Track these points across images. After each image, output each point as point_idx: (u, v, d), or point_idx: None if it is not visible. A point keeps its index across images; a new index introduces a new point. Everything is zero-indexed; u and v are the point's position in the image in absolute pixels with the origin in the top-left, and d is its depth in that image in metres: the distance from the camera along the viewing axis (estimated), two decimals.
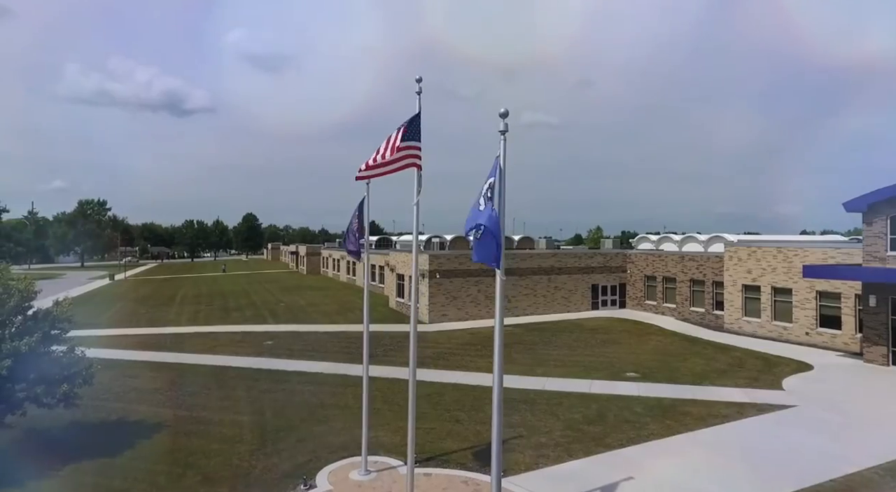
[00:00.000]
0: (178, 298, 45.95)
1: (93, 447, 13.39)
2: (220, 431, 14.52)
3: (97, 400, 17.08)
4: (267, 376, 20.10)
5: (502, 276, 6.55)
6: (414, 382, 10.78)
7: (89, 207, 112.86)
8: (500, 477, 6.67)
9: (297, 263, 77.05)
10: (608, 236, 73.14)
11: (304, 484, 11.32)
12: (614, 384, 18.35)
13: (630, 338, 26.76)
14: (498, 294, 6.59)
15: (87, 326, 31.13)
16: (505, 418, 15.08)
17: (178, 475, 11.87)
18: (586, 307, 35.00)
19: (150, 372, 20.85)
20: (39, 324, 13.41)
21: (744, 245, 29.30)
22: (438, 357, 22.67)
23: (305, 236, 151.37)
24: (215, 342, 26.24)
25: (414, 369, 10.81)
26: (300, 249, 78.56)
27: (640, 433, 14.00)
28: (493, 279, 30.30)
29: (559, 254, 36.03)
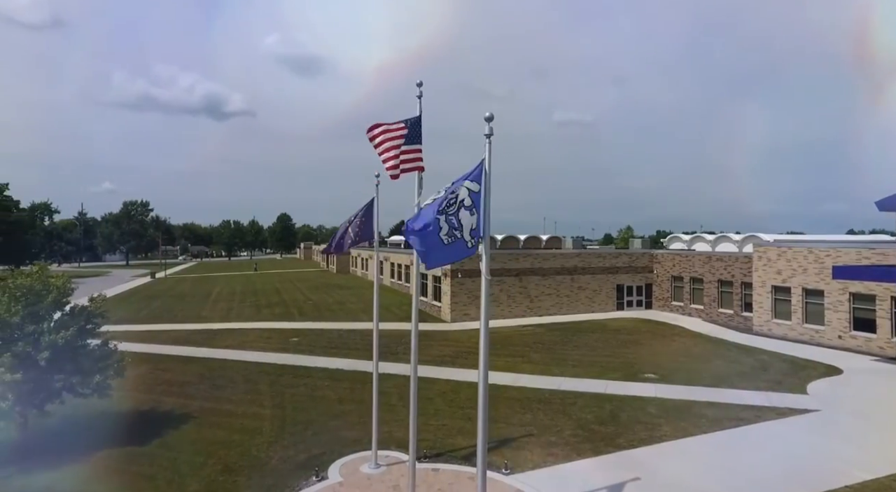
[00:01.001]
0: (212, 295, 47.63)
1: (123, 435, 14.22)
2: (241, 423, 15.17)
3: (131, 391, 18.05)
4: (290, 371, 20.77)
5: (487, 275, 6.74)
6: (415, 379, 11.07)
7: (133, 207, 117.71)
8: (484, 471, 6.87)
9: (328, 263, 78.55)
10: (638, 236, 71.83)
11: (316, 476, 11.78)
12: (631, 385, 18.22)
13: (652, 339, 26.40)
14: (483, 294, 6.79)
15: (128, 321, 32.80)
16: (517, 417, 15.35)
17: (200, 464, 12.51)
18: (611, 308, 34.62)
19: (181, 366, 21.81)
20: (75, 319, 14.27)
21: (774, 245, 28.45)
22: (457, 355, 22.93)
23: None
24: (244, 338, 27.19)
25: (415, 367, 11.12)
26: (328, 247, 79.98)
27: (651, 434, 13.93)
28: (517, 279, 30.53)
29: (583, 254, 35.73)
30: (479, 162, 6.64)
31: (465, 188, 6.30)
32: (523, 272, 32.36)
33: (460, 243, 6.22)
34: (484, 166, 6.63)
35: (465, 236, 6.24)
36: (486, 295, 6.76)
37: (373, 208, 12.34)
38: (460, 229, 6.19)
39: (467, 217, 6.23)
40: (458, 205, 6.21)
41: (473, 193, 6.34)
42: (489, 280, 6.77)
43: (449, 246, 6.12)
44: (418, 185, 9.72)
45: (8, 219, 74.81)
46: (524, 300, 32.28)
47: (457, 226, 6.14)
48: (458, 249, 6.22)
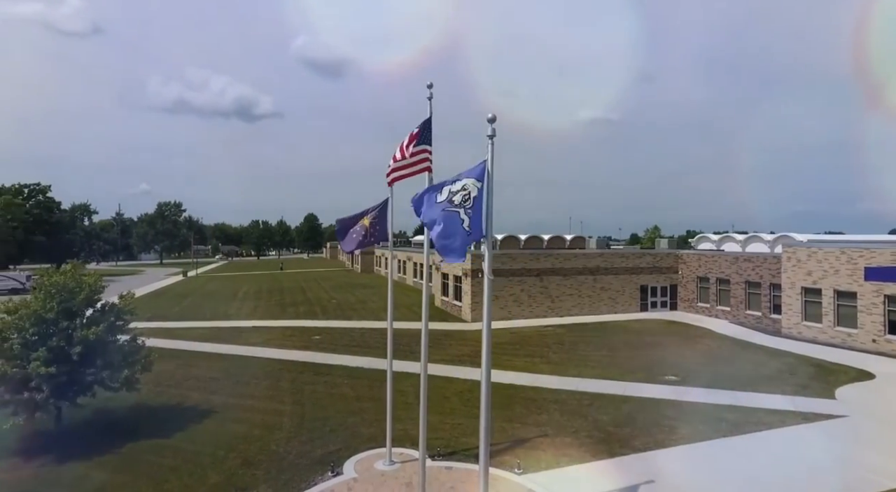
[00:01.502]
0: (240, 294, 48.79)
1: (150, 428, 14.78)
2: (262, 418, 15.57)
3: (159, 386, 18.71)
4: (311, 368, 21.19)
5: (490, 275, 6.83)
6: (425, 378, 11.21)
7: (167, 208, 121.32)
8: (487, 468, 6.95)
9: (353, 262, 79.51)
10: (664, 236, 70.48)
11: (331, 471, 12.04)
12: (650, 387, 17.99)
13: (676, 341, 25.96)
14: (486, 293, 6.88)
15: (159, 318, 33.89)
16: (532, 417, 15.35)
17: (222, 458, 12.91)
18: (634, 309, 34.15)
19: (208, 362, 22.46)
20: (106, 315, 14.91)
21: (805, 245, 27.62)
22: (476, 355, 22.86)
23: None
24: (269, 336, 27.82)
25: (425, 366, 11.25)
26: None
27: (668, 437, 13.76)
28: (538, 279, 30.41)
29: (605, 254, 35.33)
30: (481, 162, 6.73)
31: (473, 186, 6.43)
32: (544, 272, 32.20)
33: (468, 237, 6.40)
34: (487, 166, 6.72)
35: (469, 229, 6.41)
36: (489, 294, 6.85)
37: (387, 209, 12.51)
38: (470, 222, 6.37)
39: (472, 214, 6.39)
40: (473, 201, 6.36)
41: (479, 190, 6.46)
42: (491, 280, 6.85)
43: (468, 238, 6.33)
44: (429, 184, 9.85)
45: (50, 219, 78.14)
46: (545, 300, 32.12)
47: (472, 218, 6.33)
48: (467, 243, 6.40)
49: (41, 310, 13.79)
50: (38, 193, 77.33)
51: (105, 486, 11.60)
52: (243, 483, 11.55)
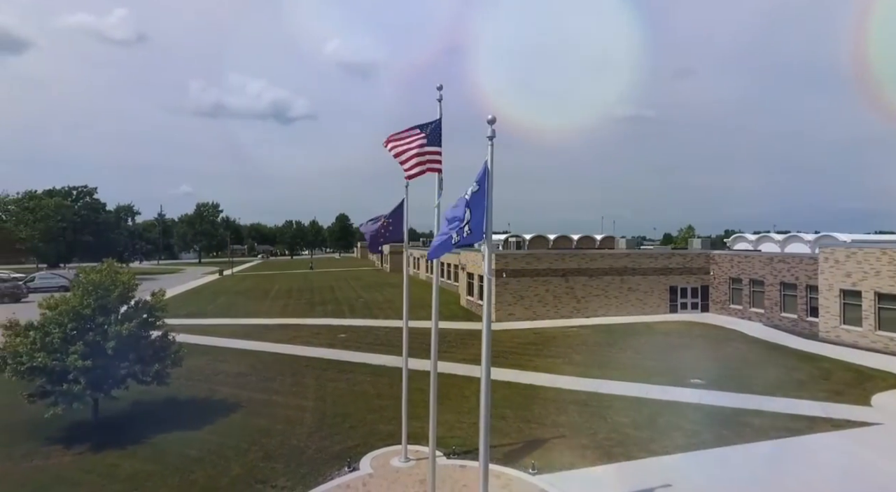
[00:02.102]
0: (272, 292, 50.03)
1: (180, 421, 15.39)
2: (285, 413, 16.01)
3: (190, 381, 19.44)
4: (335, 366, 21.62)
5: (490, 275, 6.91)
6: (435, 376, 11.34)
7: (205, 209, 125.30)
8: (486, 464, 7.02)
9: (382, 262, 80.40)
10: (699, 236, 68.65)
11: (347, 466, 12.32)
12: (674, 390, 17.65)
13: (705, 343, 25.33)
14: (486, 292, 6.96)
15: (195, 316, 35.11)
16: (550, 418, 15.30)
17: (244, 450, 13.36)
18: (664, 310, 33.45)
19: (237, 358, 23.17)
20: (139, 312, 15.60)
21: (843, 246, 26.52)
22: (497, 355, 22.95)
23: None
24: (296, 333, 28.48)
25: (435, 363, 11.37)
26: (384, 248, 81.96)
27: (689, 441, 13.51)
28: (563, 279, 30.15)
29: (633, 254, 34.70)
30: (484, 164, 6.81)
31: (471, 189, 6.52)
32: (570, 272, 31.89)
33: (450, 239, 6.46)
34: (487, 167, 6.80)
35: (463, 231, 6.47)
36: (489, 293, 6.93)
37: (402, 209, 12.72)
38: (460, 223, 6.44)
39: (468, 215, 6.45)
40: (466, 206, 6.44)
41: (474, 193, 6.54)
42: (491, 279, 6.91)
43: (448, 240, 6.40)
44: (438, 186, 9.99)
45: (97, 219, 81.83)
46: (571, 301, 31.81)
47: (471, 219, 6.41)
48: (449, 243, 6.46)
49: (79, 306, 14.53)
50: (85, 195, 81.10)
51: (136, 474, 12.16)
52: (263, 476, 11.93)
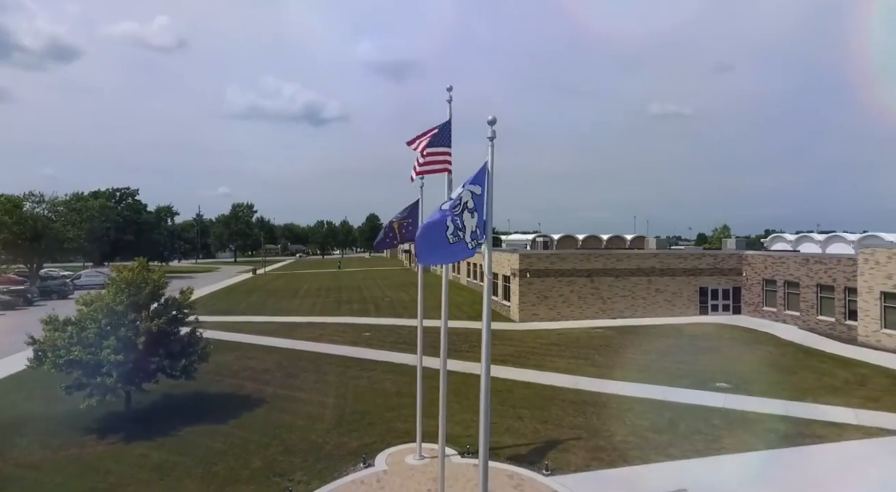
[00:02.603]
0: (301, 291, 51.05)
1: (207, 414, 15.94)
2: (306, 409, 16.39)
3: (219, 376, 20.09)
4: (357, 364, 21.96)
5: (489, 275, 6.96)
6: (445, 374, 11.42)
7: (240, 209, 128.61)
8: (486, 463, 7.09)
9: (410, 261, 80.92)
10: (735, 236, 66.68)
11: (363, 462, 12.54)
12: (698, 394, 17.26)
13: (734, 346, 24.64)
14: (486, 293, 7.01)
15: (226, 313, 36.18)
16: (568, 420, 15.21)
17: (265, 444, 13.75)
18: (693, 312, 32.64)
19: (264, 355, 23.79)
20: (168, 309, 16.23)
21: (886, 246, 25.35)
22: (519, 355, 22.93)
23: None
24: (322, 331, 29.04)
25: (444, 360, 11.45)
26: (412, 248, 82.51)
27: (709, 446, 13.21)
28: (589, 280, 29.81)
29: (661, 254, 33.95)
30: (483, 165, 6.87)
31: (469, 191, 6.57)
32: (595, 273, 31.46)
33: (461, 244, 6.50)
34: (487, 168, 6.85)
35: (466, 238, 6.51)
36: (488, 294, 6.98)
37: (417, 209, 12.83)
38: (463, 231, 6.47)
39: (469, 219, 6.49)
40: (462, 207, 6.49)
41: (476, 195, 6.59)
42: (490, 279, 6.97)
43: (453, 245, 6.43)
44: (448, 186, 10.07)
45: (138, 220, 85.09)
46: (596, 301, 31.40)
47: (461, 227, 6.43)
48: (460, 250, 6.51)
49: (112, 303, 15.23)
50: (127, 196, 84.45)
51: (162, 464, 12.68)
52: (281, 469, 12.27)
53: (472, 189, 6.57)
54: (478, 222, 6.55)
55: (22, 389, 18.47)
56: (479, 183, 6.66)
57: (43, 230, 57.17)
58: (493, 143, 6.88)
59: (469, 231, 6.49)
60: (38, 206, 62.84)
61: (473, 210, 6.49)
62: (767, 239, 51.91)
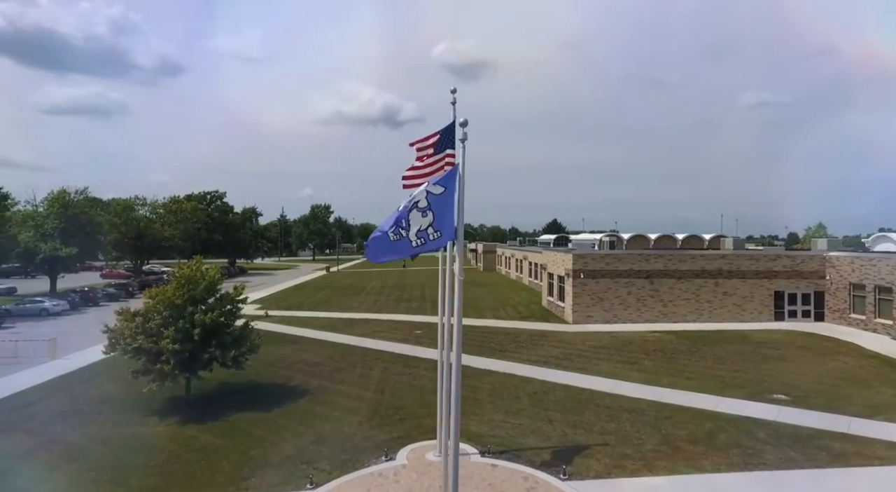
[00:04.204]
0: (366, 289, 52.89)
1: (255, 403, 17.12)
2: (345, 402, 17.13)
3: (274, 367, 21.45)
4: (403, 360, 22.54)
5: (460, 276, 7.05)
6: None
7: (318, 210, 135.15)
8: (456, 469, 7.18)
9: (476, 260, 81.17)
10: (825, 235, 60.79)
11: (385, 456, 12.96)
12: (749, 405, 16.10)
13: (805, 356, 22.60)
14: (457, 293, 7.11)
15: (295, 308, 38.37)
16: (600, 425, 14.84)
17: (301, 433, 14.58)
18: (767, 317, 30.20)
19: (319, 349, 25.03)
20: (222, 303, 17.59)
21: None
22: (564, 358, 22.46)
23: (496, 234, 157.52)
24: (377, 328, 30.01)
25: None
26: (478, 247, 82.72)
27: (747, 461, 12.35)
28: (648, 281, 28.59)
29: (729, 255, 31.64)
30: (454, 167, 6.98)
31: (425, 191, 6.71)
32: (654, 274, 30.01)
33: (405, 242, 6.65)
34: (458, 171, 6.95)
35: (410, 236, 6.65)
36: (459, 294, 7.07)
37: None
38: (407, 229, 6.62)
39: (418, 218, 6.63)
40: (413, 207, 6.66)
41: (433, 195, 6.71)
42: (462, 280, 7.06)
43: (394, 243, 6.60)
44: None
45: (226, 221, 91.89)
46: (656, 304, 29.93)
47: (404, 226, 6.59)
48: (403, 247, 6.66)
49: (173, 297, 16.77)
50: (216, 199, 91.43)
51: (206, 446, 13.83)
52: (309, 457, 12.97)
53: (431, 189, 6.70)
54: (432, 221, 6.66)
55: (109, 372, 20.73)
56: (445, 184, 6.78)
57: (145, 230, 63.31)
58: (464, 144, 6.96)
59: (415, 230, 6.62)
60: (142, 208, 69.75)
61: (426, 209, 6.62)
62: (870, 239, 46.86)
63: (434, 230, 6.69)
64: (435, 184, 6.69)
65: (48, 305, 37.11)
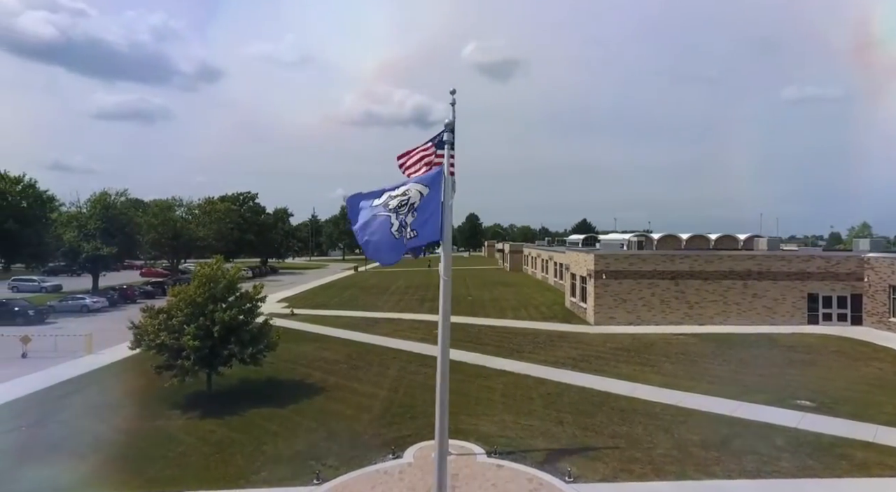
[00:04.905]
0: (391, 288, 53.33)
1: (273, 399, 17.55)
2: (358, 400, 17.38)
3: (294, 364, 21.93)
4: (418, 360, 22.68)
5: (445, 276, 7.10)
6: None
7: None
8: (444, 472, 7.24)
9: (503, 260, 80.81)
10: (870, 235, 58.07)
11: (392, 454, 13.11)
12: (770, 410, 15.58)
13: (837, 361, 21.68)
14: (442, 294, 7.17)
15: (320, 307, 39.04)
16: (611, 428, 14.66)
17: (313, 430, 14.88)
18: (799, 320, 29.07)
19: (339, 347, 25.43)
20: (241, 301, 18.09)
21: None
22: (582, 359, 22.19)
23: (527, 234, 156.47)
24: (397, 327, 30.27)
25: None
26: (505, 247, 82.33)
27: (761, 468, 11.98)
28: (673, 282, 27.95)
29: (759, 256, 30.54)
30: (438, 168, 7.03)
31: (417, 191, 6.77)
32: (680, 275, 29.27)
33: (401, 242, 6.73)
34: (444, 171, 7.01)
35: (405, 235, 6.73)
36: (447, 295, 7.13)
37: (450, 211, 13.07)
38: (405, 229, 6.70)
39: (411, 218, 6.70)
40: (409, 207, 6.72)
41: (422, 196, 6.78)
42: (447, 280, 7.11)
43: (396, 241, 6.69)
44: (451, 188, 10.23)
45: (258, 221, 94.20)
46: (681, 306, 29.20)
47: (404, 225, 6.67)
48: (400, 247, 6.73)
49: (194, 295, 17.34)
50: (249, 200, 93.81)
51: (223, 440, 14.27)
52: (319, 454, 13.22)
53: (420, 190, 6.76)
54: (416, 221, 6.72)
55: (138, 367, 21.54)
56: (429, 183, 6.83)
57: (181, 230, 65.51)
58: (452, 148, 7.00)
59: (409, 229, 6.70)
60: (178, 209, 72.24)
61: (416, 210, 6.68)
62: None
63: (411, 229, 6.76)
64: (423, 184, 6.75)
65: (89, 301, 38.84)
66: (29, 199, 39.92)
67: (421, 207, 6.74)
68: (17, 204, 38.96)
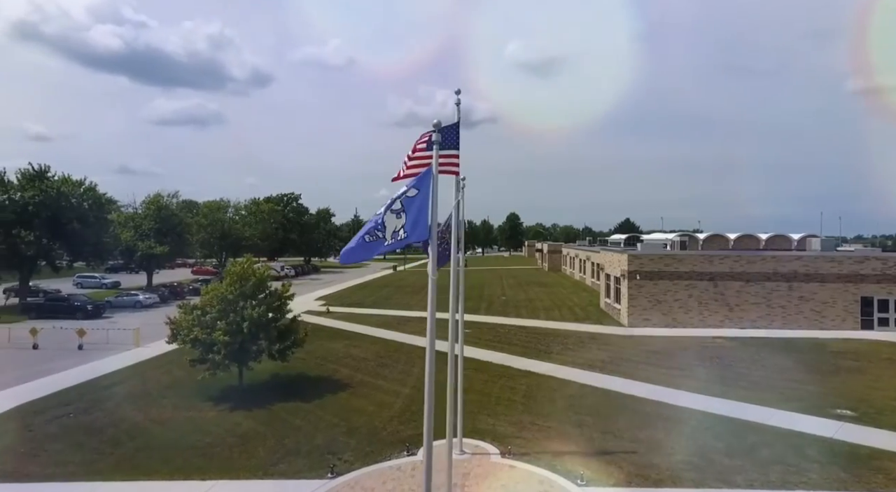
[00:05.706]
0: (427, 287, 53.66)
1: (299, 393, 18.06)
2: (380, 397, 17.65)
3: (323, 361, 22.48)
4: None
5: (433, 275, 7.17)
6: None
7: None
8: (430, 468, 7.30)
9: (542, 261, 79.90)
10: None
11: (406, 451, 13.27)
12: (805, 419, 14.79)
13: (889, 370, 20.30)
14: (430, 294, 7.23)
15: (356, 305, 39.83)
16: (632, 432, 14.38)
17: (334, 425, 15.23)
18: (851, 325, 27.37)
19: (369, 345, 25.87)
20: (269, 299, 18.72)
21: None
22: (611, 361, 21.71)
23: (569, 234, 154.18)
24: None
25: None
26: (543, 247, 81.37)
27: (787, 480, 11.41)
28: (711, 283, 26.99)
29: (805, 257, 28.91)
30: (427, 169, 7.11)
31: (402, 194, 6.88)
32: (719, 276, 28.11)
33: (379, 242, 6.82)
34: (432, 172, 7.08)
35: (385, 236, 6.82)
36: (433, 296, 7.19)
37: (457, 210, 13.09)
38: (383, 231, 6.78)
39: (393, 220, 6.78)
40: (387, 210, 6.83)
41: (407, 198, 6.86)
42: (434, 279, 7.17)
43: (368, 244, 6.79)
44: (456, 188, 10.29)
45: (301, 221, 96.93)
46: (721, 308, 28.05)
47: (381, 229, 6.77)
48: (376, 246, 6.82)
49: (225, 292, 18.08)
50: (292, 201, 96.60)
51: (247, 433, 14.81)
52: (336, 448, 13.53)
53: (408, 193, 6.85)
54: (405, 223, 6.79)
55: (179, 361, 22.63)
56: (418, 185, 6.91)
57: (228, 230, 68.25)
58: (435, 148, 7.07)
59: (391, 231, 6.77)
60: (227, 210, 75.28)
61: (399, 211, 6.77)
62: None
63: (402, 230, 6.85)
64: (412, 186, 6.84)
65: (141, 297, 41.08)
66: (90, 201, 42.62)
67: (410, 208, 6.83)
68: (80, 206, 41.66)
